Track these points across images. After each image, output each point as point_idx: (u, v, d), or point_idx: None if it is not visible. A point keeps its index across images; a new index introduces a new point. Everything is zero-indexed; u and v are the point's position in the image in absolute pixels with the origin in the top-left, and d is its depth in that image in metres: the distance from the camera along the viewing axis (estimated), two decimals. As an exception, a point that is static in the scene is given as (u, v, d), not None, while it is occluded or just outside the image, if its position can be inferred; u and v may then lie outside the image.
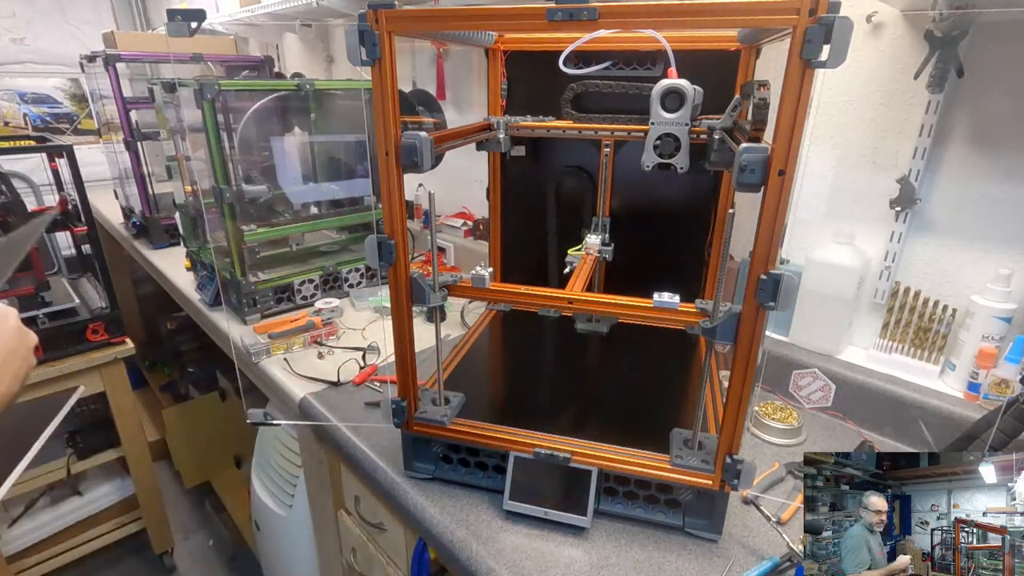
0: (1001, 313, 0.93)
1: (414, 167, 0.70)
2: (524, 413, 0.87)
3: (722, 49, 0.97)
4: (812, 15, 0.51)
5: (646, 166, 0.78)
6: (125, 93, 1.96)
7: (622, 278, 1.14)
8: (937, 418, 0.96)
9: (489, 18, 0.66)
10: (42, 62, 3.04)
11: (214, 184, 1.31)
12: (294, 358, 1.25)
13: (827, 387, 1.07)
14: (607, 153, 1.09)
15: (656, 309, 0.70)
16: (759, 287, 0.60)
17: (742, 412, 0.68)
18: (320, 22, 2.08)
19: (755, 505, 0.84)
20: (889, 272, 1.06)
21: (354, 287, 1.59)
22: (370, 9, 0.64)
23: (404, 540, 0.96)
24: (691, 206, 1.12)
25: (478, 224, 1.74)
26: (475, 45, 1.11)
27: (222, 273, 1.46)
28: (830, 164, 1.09)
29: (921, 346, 1.03)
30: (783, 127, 0.55)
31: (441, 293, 0.78)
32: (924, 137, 0.97)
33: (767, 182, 0.57)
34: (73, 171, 1.48)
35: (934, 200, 1.00)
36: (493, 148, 1.04)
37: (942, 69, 0.91)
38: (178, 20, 0.83)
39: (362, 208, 1.65)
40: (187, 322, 2.29)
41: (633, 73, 1.03)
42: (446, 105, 1.77)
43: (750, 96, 0.68)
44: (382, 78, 0.66)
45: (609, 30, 0.62)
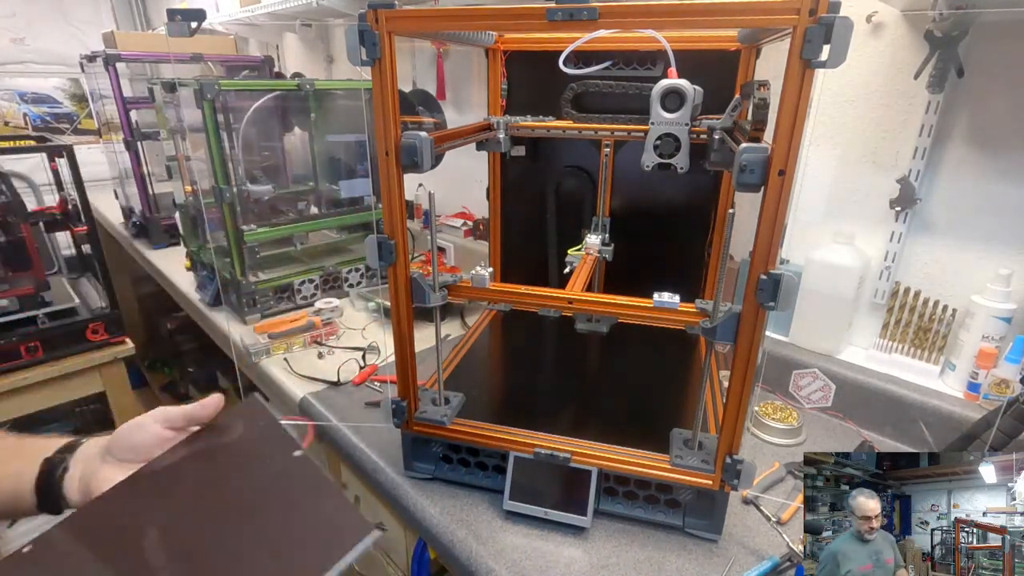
0: (1001, 313, 0.93)
1: (414, 167, 0.70)
2: (524, 413, 0.87)
3: (722, 49, 0.97)
4: (812, 15, 0.51)
5: (646, 166, 0.78)
6: (125, 93, 1.96)
7: (622, 278, 1.14)
8: (937, 418, 0.96)
9: (489, 18, 0.66)
10: (42, 62, 3.04)
11: (214, 184, 1.31)
12: (294, 358, 1.25)
13: (827, 387, 1.07)
14: (607, 153, 1.09)
15: (656, 309, 0.70)
16: (759, 287, 0.60)
17: (742, 412, 0.68)
18: (320, 22, 2.08)
19: (755, 505, 0.84)
20: (889, 272, 1.06)
21: (354, 287, 1.59)
22: (370, 9, 0.64)
23: (404, 540, 0.96)
24: (691, 206, 1.12)
25: (478, 224, 1.74)
26: (475, 45, 1.11)
27: (222, 273, 1.46)
28: (830, 164, 1.09)
29: (921, 346, 1.03)
30: (783, 127, 0.55)
31: (441, 293, 0.78)
32: (924, 137, 0.97)
33: (767, 182, 0.57)
34: (73, 171, 1.48)
35: (934, 200, 1.00)
36: (493, 148, 1.04)
37: (942, 69, 0.91)
38: (178, 20, 0.83)
39: (362, 208, 1.65)
40: (187, 322, 2.29)
41: (633, 73, 1.03)
42: (446, 105, 1.77)
43: (750, 96, 0.68)
44: (382, 78, 0.66)
45: (609, 30, 0.62)
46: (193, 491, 0.51)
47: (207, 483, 0.51)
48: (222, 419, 0.57)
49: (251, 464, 0.52)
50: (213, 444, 0.55)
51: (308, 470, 0.49)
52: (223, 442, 0.55)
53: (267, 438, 0.53)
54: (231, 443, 0.54)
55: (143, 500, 0.51)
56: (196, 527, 0.48)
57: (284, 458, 0.50)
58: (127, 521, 0.49)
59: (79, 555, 0.47)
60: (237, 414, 0.57)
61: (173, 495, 0.51)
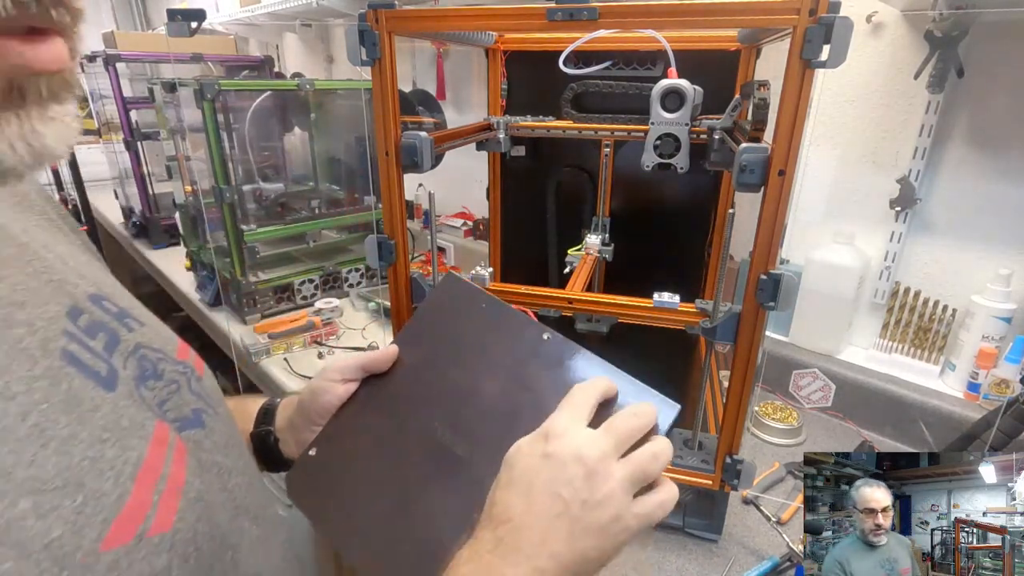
0: (1001, 313, 0.93)
1: (414, 167, 0.70)
2: (524, 413, 0.87)
3: (722, 49, 0.97)
4: (812, 15, 0.51)
5: (646, 166, 0.78)
6: (125, 93, 1.96)
7: (622, 278, 1.14)
8: (937, 418, 0.96)
9: (489, 18, 0.66)
10: (42, 62, 3.04)
11: (214, 184, 1.31)
12: (294, 358, 1.25)
13: (827, 387, 1.07)
14: (607, 153, 1.09)
15: (656, 309, 0.70)
16: (759, 287, 0.60)
17: (742, 412, 0.68)
18: (320, 22, 2.08)
19: (755, 505, 0.84)
20: (889, 272, 1.06)
21: (354, 287, 1.59)
22: (370, 9, 0.64)
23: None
24: (691, 206, 1.12)
25: (478, 224, 1.74)
26: (475, 45, 1.11)
27: (222, 273, 1.46)
28: (830, 164, 1.09)
29: (921, 346, 1.03)
30: (783, 127, 0.55)
31: (441, 293, 0.78)
32: (924, 137, 0.97)
33: (767, 182, 0.57)
34: (73, 171, 1.48)
35: (934, 200, 1.00)
36: (493, 148, 1.04)
37: (942, 69, 0.91)
38: (178, 20, 0.83)
39: (362, 208, 1.65)
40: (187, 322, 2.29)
41: (633, 73, 1.03)
42: (446, 105, 1.77)
43: (750, 96, 0.67)
44: (382, 78, 0.66)
45: (609, 30, 0.62)
46: (449, 372, 0.52)
47: (467, 360, 0.52)
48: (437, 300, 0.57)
49: (502, 346, 0.52)
50: (448, 331, 0.55)
51: (571, 349, 0.49)
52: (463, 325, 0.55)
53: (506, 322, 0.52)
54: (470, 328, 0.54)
55: (410, 386, 0.53)
56: (471, 404, 0.49)
57: (536, 341, 0.50)
58: (398, 400, 0.52)
59: (360, 446, 0.52)
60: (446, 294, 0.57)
61: (432, 382, 0.52)
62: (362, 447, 0.52)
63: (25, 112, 0.25)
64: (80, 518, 0.26)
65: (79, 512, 0.26)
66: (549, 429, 0.40)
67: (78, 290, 0.35)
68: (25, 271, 0.32)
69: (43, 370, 0.28)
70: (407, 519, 0.46)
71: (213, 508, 0.34)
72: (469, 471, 0.45)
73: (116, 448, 0.29)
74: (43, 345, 0.29)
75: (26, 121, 0.25)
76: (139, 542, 0.27)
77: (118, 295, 0.39)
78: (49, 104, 0.26)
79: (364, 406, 0.54)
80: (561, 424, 0.39)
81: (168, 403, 0.36)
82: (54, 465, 0.26)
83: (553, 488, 0.37)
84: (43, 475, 0.25)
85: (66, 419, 0.27)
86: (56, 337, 0.30)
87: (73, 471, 0.26)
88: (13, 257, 0.32)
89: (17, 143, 0.25)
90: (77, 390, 0.29)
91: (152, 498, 0.29)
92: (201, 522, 0.32)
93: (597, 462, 0.37)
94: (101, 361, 0.32)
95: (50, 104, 0.26)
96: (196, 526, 0.31)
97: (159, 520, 0.29)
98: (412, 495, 0.47)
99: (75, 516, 0.25)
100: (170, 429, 0.34)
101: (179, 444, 0.34)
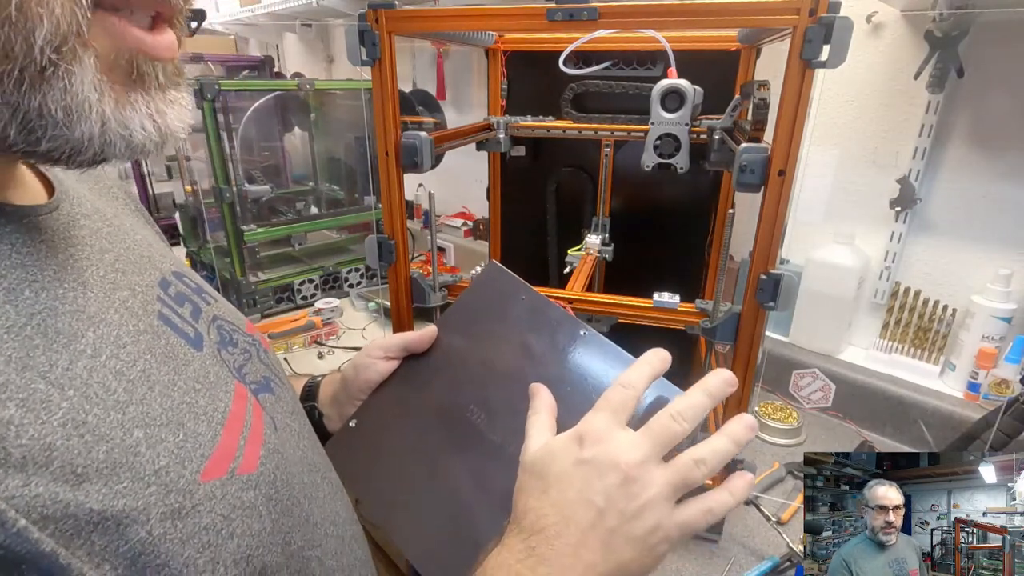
0: (1001, 313, 0.93)
1: (414, 167, 0.70)
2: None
3: (722, 49, 0.97)
4: (812, 15, 0.51)
5: (646, 166, 0.78)
6: (125, 93, 1.96)
7: (622, 278, 1.14)
8: (937, 418, 0.96)
9: (489, 18, 0.66)
10: (42, 62, 3.04)
11: (214, 184, 1.31)
12: (294, 358, 1.25)
13: (827, 387, 1.07)
14: (607, 153, 1.09)
15: (656, 309, 0.70)
16: (759, 287, 0.60)
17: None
18: (320, 22, 2.08)
19: (755, 505, 0.84)
20: (889, 272, 1.06)
21: (354, 287, 1.59)
22: (370, 9, 0.64)
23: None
24: (691, 206, 1.12)
25: (478, 224, 1.74)
26: (475, 45, 1.11)
27: (222, 273, 1.46)
28: (830, 164, 1.09)
29: (921, 346, 1.03)
30: (783, 127, 0.55)
31: (441, 293, 0.78)
32: (924, 137, 0.97)
33: (767, 182, 0.57)
34: (73, 171, 1.48)
35: (934, 200, 1.00)
36: (493, 148, 1.04)
37: (942, 69, 0.91)
38: (178, 20, 0.83)
39: (362, 208, 1.65)
40: (187, 322, 2.29)
41: (633, 73, 1.03)
42: (446, 105, 1.77)
43: (750, 96, 0.67)
44: (382, 78, 0.66)
45: (609, 30, 0.62)
46: (489, 359, 0.53)
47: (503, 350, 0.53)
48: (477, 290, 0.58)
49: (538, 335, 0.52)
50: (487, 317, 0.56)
51: (608, 347, 0.50)
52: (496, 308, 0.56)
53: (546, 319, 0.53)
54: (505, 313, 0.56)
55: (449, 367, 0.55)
56: (506, 387, 0.50)
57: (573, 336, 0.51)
58: (440, 375, 0.54)
59: (398, 421, 0.54)
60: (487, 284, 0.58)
61: (469, 366, 0.54)
62: (400, 422, 0.54)
63: (150, 94, 0.28)
64: (182, 452, 0.29)
65: (181, 447, 0.29)
66: (584, 431, 0.37)
67: (164, 266, 0.40)
68: (122, 246, 0.37)
69: (146, 326, 0.33)
70: (441, 496, 0.48)
71: (289, 461, 0.37)
72: (500, 459, 0.46)
73: (207, 397, 0.33)
74: (144, 306, 0.34)
75: (152, 102, 0.28)
76: (231, 477, 0.31)
77: (192, 275, 0.44)
78: (168, 89, 0.29)
79: (404, 383, 0.56)
80: (597, 426, 0.37)
81: (245, 368, 0.40)
82: (159, 404, 0.30)
83: (588, 496, 0.34)
84: (151, 412, 0.29)
85: (165, 368, 0.32)
86: (152, 301, 0.35)
87: (175, 411, 0.30)
88: (111, 234, 0.37)
89: (146, 121, 0.28)
90: (173, 346, 0.34)
91: (239, 443, 0.33)
92: (280, 470, 0.35)
93: (635, 468, 0.35)
94: (189, 325, 0.37)
95: (168, 89, 0.30)
96: (276, 472, 0.35)
97: (246, 462, 0.33)
98: (447, 472, 0.48)
99: (178, 449, 0.29)
100: (248, 391, 0.38)
101: (256, 404, 0.37)
